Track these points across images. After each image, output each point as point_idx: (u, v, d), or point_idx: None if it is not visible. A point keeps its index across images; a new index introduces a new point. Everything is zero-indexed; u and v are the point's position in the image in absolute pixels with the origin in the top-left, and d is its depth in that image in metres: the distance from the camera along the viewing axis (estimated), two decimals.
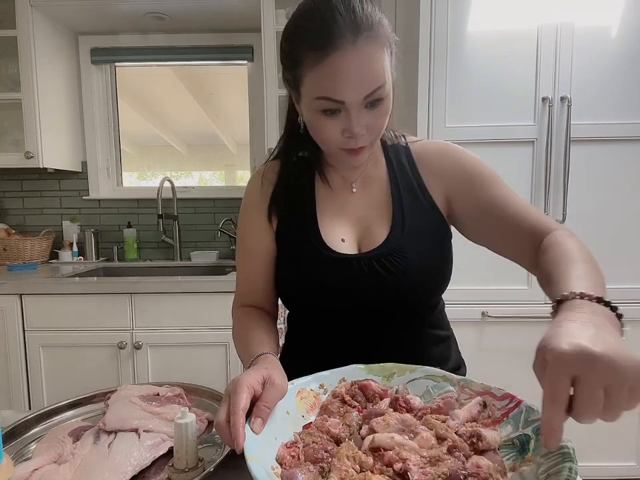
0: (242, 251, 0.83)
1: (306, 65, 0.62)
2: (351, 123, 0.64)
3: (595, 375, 0.36)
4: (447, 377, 0.62)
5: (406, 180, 0.77)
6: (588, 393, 0.36)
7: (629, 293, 1.60)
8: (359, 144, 0.67)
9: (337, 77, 0.60)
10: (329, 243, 0.74)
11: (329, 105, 0.63)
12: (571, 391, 0.37)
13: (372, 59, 0.60)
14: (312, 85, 0.63)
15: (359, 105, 0.63)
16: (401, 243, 0.72)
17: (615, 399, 0.36)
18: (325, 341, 0.78)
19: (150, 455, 0.57)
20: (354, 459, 0.47)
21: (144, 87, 2.87)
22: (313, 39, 0.60)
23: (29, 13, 1.92)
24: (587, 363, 0.36)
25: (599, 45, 1.52)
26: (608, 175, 1.58)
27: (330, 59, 0.59)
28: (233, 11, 2.05)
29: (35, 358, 1.73)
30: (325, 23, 0.59)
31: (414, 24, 1.65)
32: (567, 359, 0.37)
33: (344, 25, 0.58)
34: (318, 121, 0.66)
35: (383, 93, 0.63)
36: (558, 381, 0.37)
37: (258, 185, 0.81)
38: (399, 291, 0.71)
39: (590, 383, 0.36)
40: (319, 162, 0.80)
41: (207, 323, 1.71)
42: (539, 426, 0.49)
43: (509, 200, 0.72)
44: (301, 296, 0.77)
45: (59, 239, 2.32)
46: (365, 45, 0.59)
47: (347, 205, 0.78)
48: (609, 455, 1.67)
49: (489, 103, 1.56)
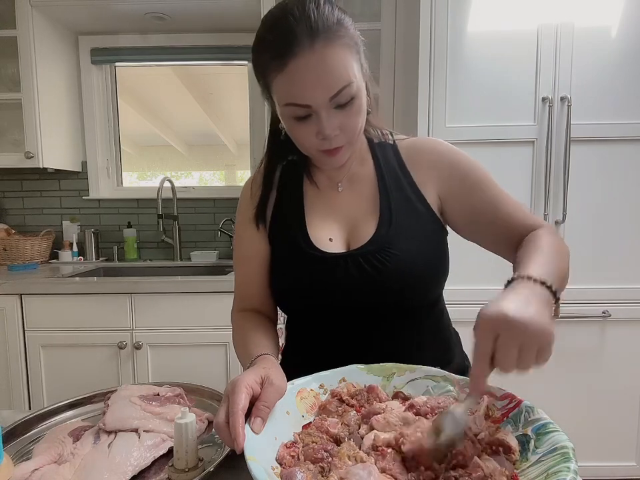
0: (238, 256, 0.84)
1: (270, 74, 0.64)
2: (322, 126, 0.64)
3: (509, 335, 0.45)
4: (447, 377, 0.62)
5: (394, 177, 0.77)
6: (504, 348, 0.45)
7: (629, 292, 1.60)
8: (333, 145, 0.67)
9: (299, 82, 0.62)
10: (317, 242, 0.75)
11: (298, 111, 0.64)
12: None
13: (332, 61, 0.61)
14: (279, 93, 0.65)
15: (327, 107, 0.63)
16: (388, 240, 0.72)
17: (526, 355, 0.45)
18: (321, 342, 0.78)
19: (150, 455, 0.57)
20: (355, 459, 0.47)
21: (144, 87, 2.86)
22: (272, 47, 0.62)
23: (28, 13, 1.92)
24: (504, 325, 0.45)
25: (598, 45, 1.52)
26: (608, 174, 1.58)
27: (290, 66, 0.61)
28: (233, 11, 2.05)
29: (35, 358, 1.73)
30: (282, 31, 0.61)
31: (414, 24, 1.65)
32: (489, 321, 0.46)
33: (299, 31, 0.59)
34: (292, 126, 0.68)
35: (350, 92, 0.63)
36: (482, 338, 0.47)
37: (248, 191, 0.83)
38: (388, 288, 0.71)
39: (506, 340, 0.45)
40: (306, 164, 0.81)
41: (207, 323, 1.71)
42: (539, 426, 0.49)
43: (500, 200, 0.73)
44: (292, 296, 0.77)
45: (58, 239, 2.32)
46: (323, 48, 0.60)
47: (334, 204, 0.78)
48: (609, 455, 1.67)
49: (489, 103, 1.56)
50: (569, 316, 1.59)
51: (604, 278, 1.60)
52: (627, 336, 1.62)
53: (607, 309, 1.60)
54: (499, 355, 0.45)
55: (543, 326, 0.45)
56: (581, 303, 1.60)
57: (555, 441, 0.46)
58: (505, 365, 0.46)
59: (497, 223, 0.73)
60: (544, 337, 0.45)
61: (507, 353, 0.45)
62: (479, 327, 0.47)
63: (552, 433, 0.47)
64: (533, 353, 0.45)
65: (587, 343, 1.62)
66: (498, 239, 0.74)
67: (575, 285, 1.61)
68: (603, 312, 1.60)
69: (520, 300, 0.48)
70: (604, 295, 1.60)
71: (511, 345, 0.45)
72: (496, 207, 0.73)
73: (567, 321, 1.60)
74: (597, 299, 1.60)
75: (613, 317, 1.59)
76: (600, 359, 1.63)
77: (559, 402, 1.64)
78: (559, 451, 0.44)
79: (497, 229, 0.73)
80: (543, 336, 0.45)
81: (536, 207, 1.58)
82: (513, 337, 0.45)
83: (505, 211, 0.73)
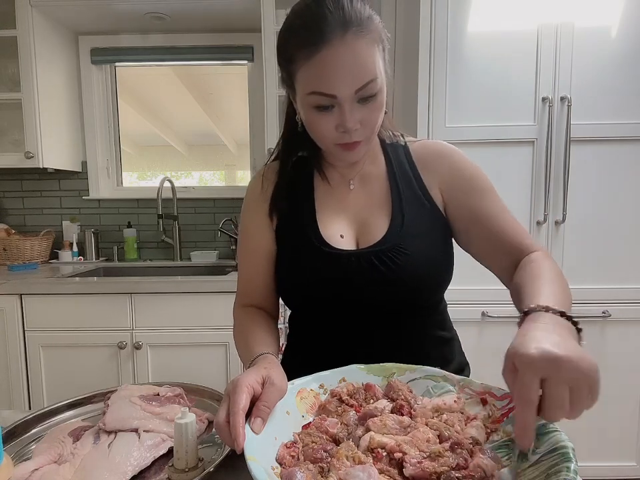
0: (243, 251, 0.84)
1: (298, 62, 0.64)
2: (345, 118, 0.65)
3: (560, 375, 0.40)
4: (447, 377, 0.62)
5: (405, 177, 0.77)
6: (555, 391, 0.40)
7: (629, 292, 1.60)
8: (353, 138, 0.68)
9: (327, 71, 0.62)
10: (328, 238, 0.75)
11: (322, 100, 0.64)
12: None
13: (361, 54, 0.62)
14: (304, 81, 0.65)
15: (351, 100, 0.64)
16: (399, 239, 0.72)
17: (578, 395, 0.40)
18: (325, 339, 0.78)
19: (150, 455, 0.57)
20: (353, 459, 0.47)
21: (144, 87, 2.86)
22: (304, 35, 0.62)
23: (28, 13, 1.92)
24: (553, 365, 0.40)
25: (598, 45, 1.52)
26: (608, 174, 1.58)
27: (320, 54, 0.61)
28: (233, 11, 2.05)
29: (35, 358, 1.73)
30: (315, 20, 0.61)
31: (414, 24, 1.65)
32: (535, 362, 0.40)
33: (333, 21, 0.60)
34: (312, 117, 0.67)
35: (375, 88, 0.64)
36: (528, 382, 0.40)
37: (258, 185, 0.82)
38: (397, 287, 0.72)
39: (557, 382, 0.40)
40: (318, 160, 0.81)
41: (207, 322, 1.71)
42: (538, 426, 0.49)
43: (498, 215, 0.73)
44: (300, 291, 0.77)
45: (58, 238, 2.32)
46: (354, 40, 0.61)
47: (345, 201, 0.79)
48: (609, 455, 1.67)
49: (489, 103, 1.56)
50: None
51: (604, 278, 1.60)
52: (627, 336, 1.62)
53: (607, 309, 1.59)
54: (550, 398, 0.40)
55: (591, 361, 0.40)
56: (581, 303, 1.59)
57: (555, 441, 0.45)
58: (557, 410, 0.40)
59: (490, 236, 0.73)
60: (594, 373, 0.40)
61: (559, 395, 0.40)
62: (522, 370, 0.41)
63: (552, 433, 0.47)
64: (586, 392, 0.40)
65: (587, 343, 1.62)
66: (489, 253, 0.75)
67: (575, 285, 1.62)
68: (602, 312, 1.60)
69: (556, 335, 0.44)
70: (604, 295, 1.60)
71: (562, 387, 0.40)
72: (492, 220, 0.73)
73: None
74: (597, 298, 1.60)
75: (613, 317, 1.59)
76: (600, 359, 1.61)
77: None
78: (559, 451, 0.44)
79: (489, 242, 0.73)
80: (593, 372, 0.40)
81: (536, 207, 1.58)
82: (565, 377, 0.40)
83: (500, 227, 0.72)
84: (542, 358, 0.40)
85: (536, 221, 1.58)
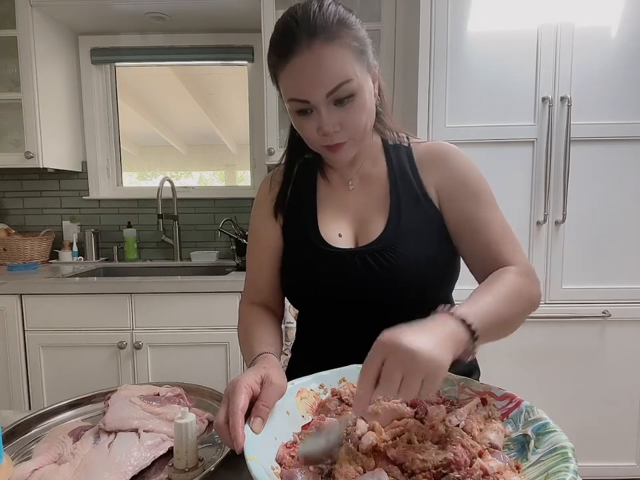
0: (252, 248, 0.87)
1: (277, 71, 0.68)
2: (322, 121, 0.67)
3: (395, 360, 0.46)
4: (447, 377, 0.62)
5: (405, 179, 0.78)
6: (388, 372, 0.46)
7: (629, 292, 1.60)
8: (334, 140, 0.70)
9: (297, 78, 0.65)
10: (326, 237, 0.77)
11: (299, 106, 0.68)
12: None
13: (329, 59, 0.64)
14: (283, 88, 0.69)
15: (325, 103, 0.66)
16: (395, 239, 0.73)
17: (409, 382, 0.45)
18: (327, 336, 0.80)
19: (150, 455, 0.57)
20: (355, 462, 0.47)
21: (144, 87, 2.86)
22: (277, 46, 0.67)
23: (28, 13, 1.92)
24: (393, 350, 0.46)
25: (598, 45, 1.52)
26: (608, 175, 1.58)
27: (289, 64, 0.65)
28: (233, 11, 2.05)
29: (35, 358, 1.73)
30: (285, 30, 0.65)
31: (414, 24, 1.65)
32: (382, 345, 0.47)
33: (300, 30, 0.63)
34: (297, 121, 0.71)
35: (349, 89, 0.65)
36: (370, 359, 0.48)
37: (267, 187, 0.86)
38: (393, 286, 0.72)
39: (390, 364, 0.46)
40: (320, 161, 0.84)
41: (207, 322, 1.70)
42: (539, 426, 0.49)
43: (487, 225, 0.73)
44: (300, 288, 0.79)
45: (59, 238, 2.32)
46: (321, 47, 0.63)
47: (345, 201, 0.81)
48: (609, 455, 1.67)
49: (489, 103, 1.56)
50: (569, 316, 1.59)
51: (604, 278, 1.60)
52: (627, 336, 1.62)
53: (607, 309, 1.59)
54: (382, 377, 0.46)
55: (432, 357, 0.45)
56: (581, 303, 1.60)
57: (555, 441, 0.45)
58: (387, 388, 0.46)
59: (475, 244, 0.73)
60: (431, 368, 0.45)
61: (390, 376, 0.46)
62: (371, 349, 0.48)
63: (552, 432, 0.47)
64: (418, 381, 0.45)
65: (587, 343, 1.62)
66: (473, 260, 0.75)
67: (575, 285, 1.63)
68: (602, 312, 1.60)
69: (421, 330, 0.48)
70: (604, 295, 1.60)
71: (394, 369, 0.45)
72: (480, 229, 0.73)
73: (567, 321, 1.60)
74: (597, 298, 1.60)
75: (612, 316, 1.59)
76: (600, 359, 1.63)
77: (559, 402, 1.64)
78: (559, 451, 0.44)
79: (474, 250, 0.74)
80: (429, 367, 0.45)
81: (536, 207, 1.58)
82: (398, 362, 0.45)
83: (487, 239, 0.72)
84: (388, 343, 0.47)
85: (536, 221, 1.58)
